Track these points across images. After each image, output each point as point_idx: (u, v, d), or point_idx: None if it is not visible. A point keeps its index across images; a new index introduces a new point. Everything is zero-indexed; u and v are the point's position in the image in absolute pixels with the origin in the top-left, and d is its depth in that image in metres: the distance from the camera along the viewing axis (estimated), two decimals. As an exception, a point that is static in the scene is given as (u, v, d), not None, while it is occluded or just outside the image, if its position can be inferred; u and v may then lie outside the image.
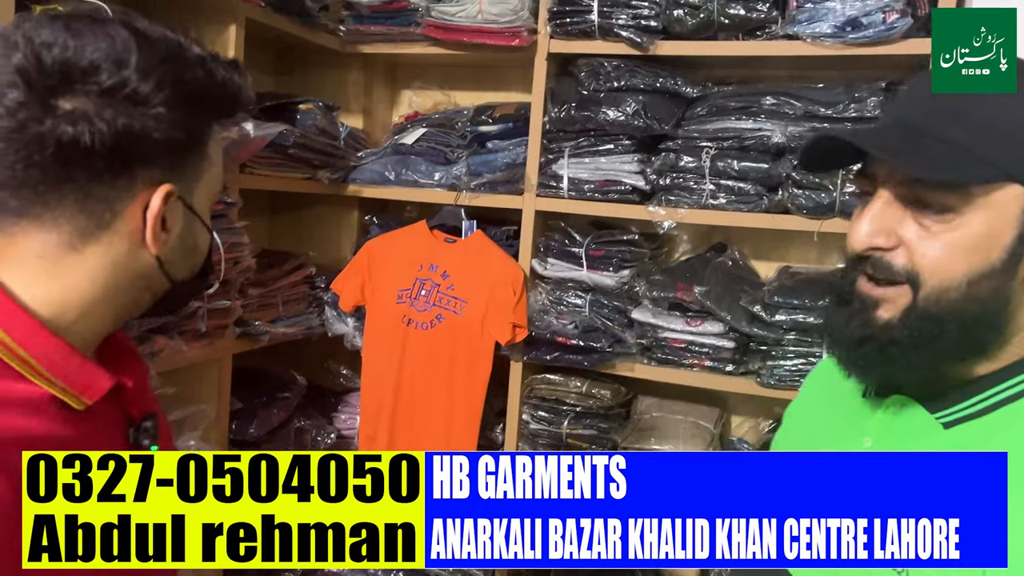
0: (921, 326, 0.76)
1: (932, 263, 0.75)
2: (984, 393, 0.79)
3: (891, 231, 0.77)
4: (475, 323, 2.16)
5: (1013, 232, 0.73)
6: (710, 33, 2.00)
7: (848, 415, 0.91)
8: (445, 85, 2.54)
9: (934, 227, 0.75)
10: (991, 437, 0.78)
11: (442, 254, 2.25)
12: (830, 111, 1.92)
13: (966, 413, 0.80)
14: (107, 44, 0.74)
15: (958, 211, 0.74)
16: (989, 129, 0.76)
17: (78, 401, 0.80)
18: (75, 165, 0.74)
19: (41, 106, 0.71)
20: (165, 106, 0.76)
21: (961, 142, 0.74)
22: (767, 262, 2.27)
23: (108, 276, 0.80)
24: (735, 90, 2.05)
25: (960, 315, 0.75)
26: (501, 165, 2.23)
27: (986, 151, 0.74)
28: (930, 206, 0.75)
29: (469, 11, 2.18)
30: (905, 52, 1.85)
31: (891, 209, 0.77)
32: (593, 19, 2.06)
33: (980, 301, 0.75)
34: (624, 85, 2.07)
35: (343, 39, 2.35)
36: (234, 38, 1.92)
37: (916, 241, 0.76)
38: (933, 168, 0.73)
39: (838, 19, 1.86)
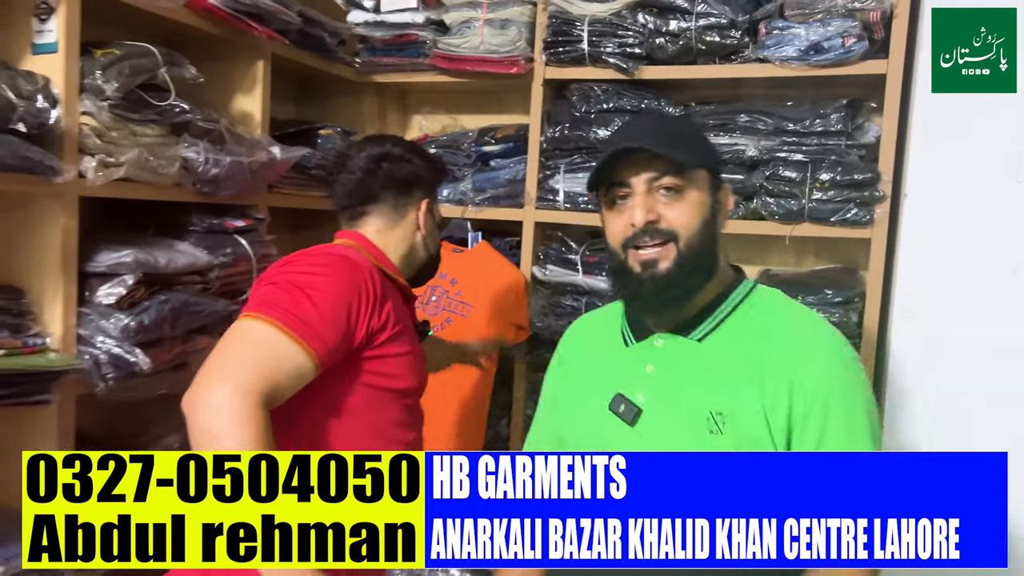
0: (687, 264, 1.12)
1: (680, 222, 1.13)
2: (713, 315, 1.17)
3: (652, 209, 1.13)
4: (481, 325, 2.36)
5: (709, 196, 1.16)
6: (689, 58, 2.21)
7: (625, 356, 1.22)
8: (451, 109, 2.77)
9: (673, 202, 1.13)
10: (729, 339, 1.15)
11: (450, 263, 2.45)
12: (798, 126, 2.12)
13: (707, 330, 1.17)
14: (402, 148, 1.54)
15: (682, 190, 1.13)
16: (681, 140, 1.15)
17: (408, 293, 1.52)
18: (392, 188, 1.50)
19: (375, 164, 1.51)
20: (423, 165, 1.54)
21: (679, 144, 1.13)
22: (750, 266, 2.45)
23: (404, 241, 1.52)
24: (713, 109, 2.26)
25: (703, 251, 1.14)
26: (503, 181, 2.44)
27: (690, 151, 1.14)
28: (669, 189, 1.13)
29: (472, 42, 2.41)
30: (864, 72, 2.05)
31: (646, 198, 1.13)
32: (583, 48, 2.28)
33: (709, 240, 1.15)
34: (613, 107, 2.28)
35: (358, 70, 2.58)
36: (262, 71, 2.16)
37: (667, 212, 1.13)
38: (680, 155, 1.12)
39: (802, 44, 2.06)
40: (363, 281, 1.32)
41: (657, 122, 1.39)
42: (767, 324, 1.15)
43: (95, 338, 1.67)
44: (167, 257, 1.79)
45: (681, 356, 1.17)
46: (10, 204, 1.65)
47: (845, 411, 1.09)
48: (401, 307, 1.45)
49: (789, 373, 1.09)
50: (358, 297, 1.30)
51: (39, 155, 1.52)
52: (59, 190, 1.60)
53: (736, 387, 1.11)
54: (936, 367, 1.96)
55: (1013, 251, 1.89)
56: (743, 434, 1.09)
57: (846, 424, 1.09)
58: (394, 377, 1.39)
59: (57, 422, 1.64)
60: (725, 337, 1.15)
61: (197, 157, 1.86)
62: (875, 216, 2.04)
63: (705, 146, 1.22)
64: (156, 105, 1.77)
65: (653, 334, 1.19)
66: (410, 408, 1.47)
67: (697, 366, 1.15)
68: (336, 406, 1.34)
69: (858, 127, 2.12)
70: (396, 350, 1.38)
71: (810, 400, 1.08)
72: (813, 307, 2.07)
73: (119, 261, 1.70)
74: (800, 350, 1.12)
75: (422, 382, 1.49)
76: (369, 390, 1.36)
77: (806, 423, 1.08)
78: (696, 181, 1.14)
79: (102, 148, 1.66)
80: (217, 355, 1.19)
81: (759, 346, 1.13)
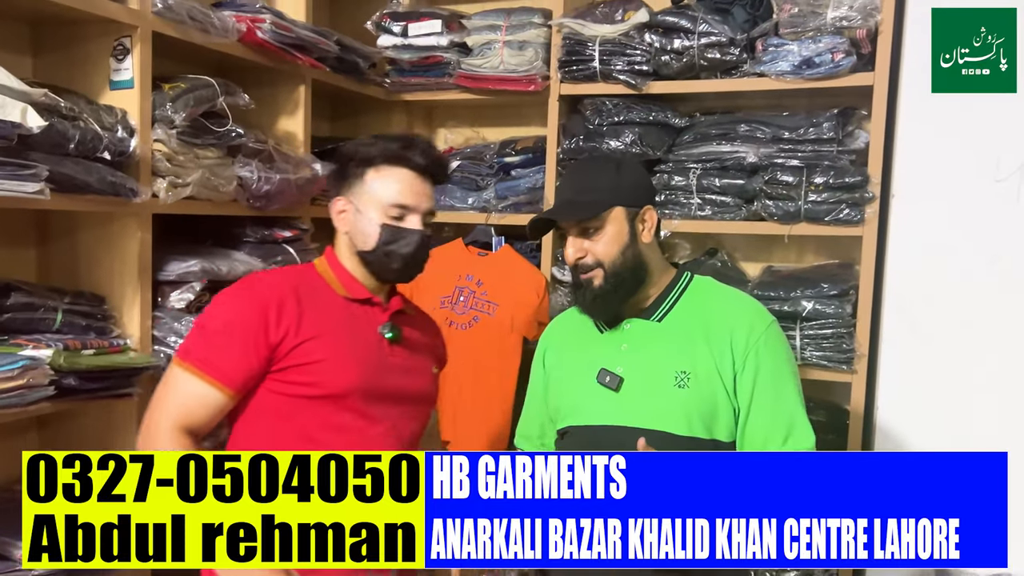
0: (614, 281, 1.45)
1: (602, 253, 1.45)
2: (665, 301, 1.49)
3: (580, 248, 1.46)
4: (506, 322, 2.56)
5: (626, 226, 1.46)
6: (693, 74, 2.41)
7: (601, 341, 1.52)
8: (474, 123, 2.98)
9: (596, 238, 1.45)
10: (681, 316, 1.47)
11: (476, 265, 2.67)
12: (793, 134, 2.31)
13: (663, 312, 1.49)
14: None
15: (602, 228, 1.45)
16: (593, 192, 1.47)
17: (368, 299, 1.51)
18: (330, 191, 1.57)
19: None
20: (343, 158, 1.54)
21: (589, 198, 1.46)
22: (755, 263, 2.64)
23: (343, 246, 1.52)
24: (715, 119, 2.46)
25: (625, 269, 1.45)
26: (524, 189, 2.65)
27: (599, 197, 1.46)
28: (589, 230, 1.45)
29: (492, 63, 2.61)
30: (852, 84, 2.24)
31: (576, 240, 1.47)
32: (595, 66, 2.48)
33: (632, 259, 1.45)
34: (623, 119, 2.48)
35: (388, 89, 2.79)
36: (303, 95, 2.38)
37: (593, 247, 1.45)
38: (582, 215, 1.45)
39: (796, 59, 2.25)
40: (257, 303, 1.39)
41: (575, 179, 1.60)
42: (707, 301, 1.49)
43: (168, 338, 1.89)
44: (228, 266, 2.02)
45: (647, 334, 1.48)
46: (94, 222, 1.88)
47: (771, 351, 1.43)
48: (336, 313, 1.46)
49: (728, 331, 1.43)
50: (251, 320, 1.37)
51: (122, 179, 1.75)
52: (137, 209, 1.82)
53: (693, 350, 1.43)
54: (923, 350, 2.14)
55: (991, 244, 2.07)
56: (703, 385, 1.41)
57: (774, 360, 1.43)
58: (308, 384, 1.41)
59: (136, 413, 1.86)
60: (678, 315, 1.48)
61: (251, 176, 2.08)
62: (866, 215, 2.22)
63: (615, 187, 1.47)
64: (215, 130, 1.99)
65: (623, 321, 1.50)
66: (354, 410, 1.44)
67: (661, 339, 1.46)
68: (258, 412, 1.43)
69: (848, 134, 2.31)
70: (308, 358, 1.40)
71: (744, 345, 1.42)
72: (811, 300, 2.29)
73: (188, 270, 1.92)
74: (733, 314, 1.47)
75: (356, 385, 1.44)
76: (284, 397, 1.42)
77: (744, 362, 1.41)
78: (610, 219, 1.45)
79: (172, 171, 1.88)
80: (153, 397, 1.41)
81: (704, 317, 1.46)
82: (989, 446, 2.04)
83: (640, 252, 1.47)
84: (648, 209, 1.48)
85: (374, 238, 1.46)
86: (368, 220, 1.46)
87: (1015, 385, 2.06)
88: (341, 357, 1.43)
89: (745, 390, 1.41)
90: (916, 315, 2.16)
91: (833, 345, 2.27)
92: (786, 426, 1.41)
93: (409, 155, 1.47)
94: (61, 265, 1.93)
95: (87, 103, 1.76)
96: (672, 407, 1.41)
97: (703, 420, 1.41)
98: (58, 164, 1.60)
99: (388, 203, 1.45)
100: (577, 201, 1.47)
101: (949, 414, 2.12)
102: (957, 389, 2.12)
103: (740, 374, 1.41)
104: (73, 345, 1.69)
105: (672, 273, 1.54)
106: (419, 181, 1.48)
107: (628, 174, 1.50)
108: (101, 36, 1.84)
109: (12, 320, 1.67)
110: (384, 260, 1.47)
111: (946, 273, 2.12)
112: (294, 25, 2.21)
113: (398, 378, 1.50)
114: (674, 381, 1.42)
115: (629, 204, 1.46)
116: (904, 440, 2.19)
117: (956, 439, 2.10)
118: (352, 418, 1.44)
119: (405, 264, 1.47)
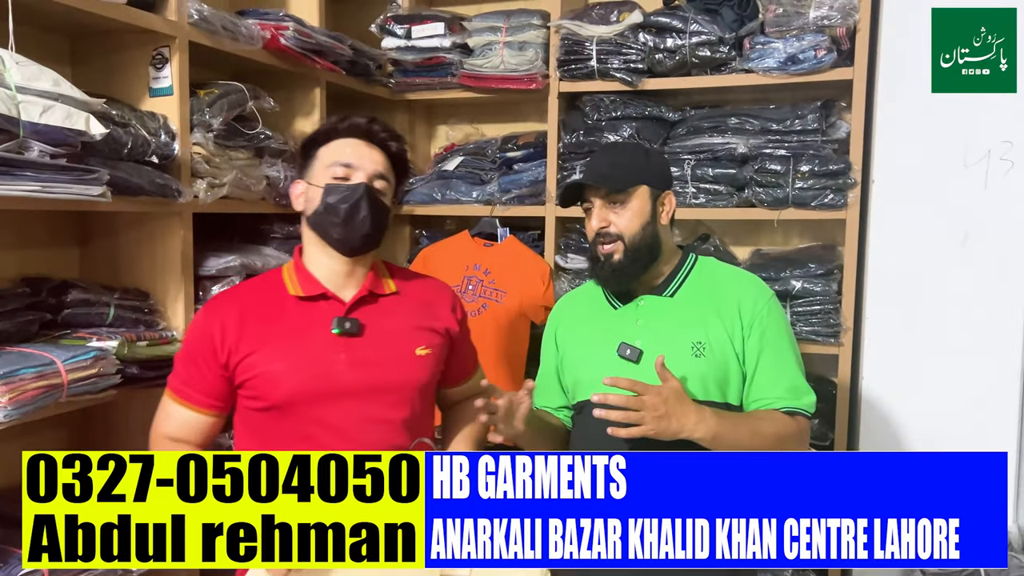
0: (632, 255, 1.58)
1: (625, 227, 1.58)
2: (675, 279, 1.64)
3: (604, 218, 1.60)
4: (513, 308, 2.71)
5: (648, 205, 1.60)
6: (685, 71, 2.57)
7: (616, 316, 1.65)
8: (474, 120, 3.11)
9: (620, 211, 1.59)
10: (691, 292, 1.62)
11: (483, 256, 2.81)
12: (780, 126, 2.49)
13: (674, 289, 1.63)
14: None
15: (626, 202, 1.58)
16: (622, 168, 1.60)
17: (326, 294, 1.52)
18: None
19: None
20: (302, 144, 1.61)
21: (620, 173, 1.59)
22: (744, 247, 2.82)
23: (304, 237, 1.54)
24: (707, 113, 2.62)
25: (643, 245, 1.59)
26: (526, 182, 2.79)
27: (628, 174, 1.59)
28: (616, 203, 1.58)
29: (494, 63, 2.75)
30: (834, 78, 2.42)
31: (601, 210, 1.60)
32: (593, 64, 2.63)
33: (650, 236, 1.59)
34: (620, 115, 2.64)
35: (392, 89, 2.92)
36: (319, 97, 2.50)
37: (615, 219, 1.59)
38: (613, 185, 1.58)
39: (781, 56, 2.43)
40: (205, 327, 1.47)
41: (609, 155, 1.72)
42: (713, 277, 1.65)
43: (211, 329, 2.01)
44: (262, 260, 2.14)
45: (661, 309, 1.62)
46: (135, 221, 1.99)
47: (773, 318, 1.59)
48: (284, 319, 1.47)
49: (736, 301, 1.58)
50: (201, 343, 1.46)
51: (167, 181, 1.86)
52: (179, 208, 1.94)
53: (706, 322, 1.57)
54: (903, 323, 2.34)
55: (963, 224, 2.26)
56: (717, 353, 1.55)
57: (775, 327, 1.58)
58: (254, 399, 1.44)
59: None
60: (688, 291, 1.63)
61: (278, 175, 2.20)
62: (848, 200, 2.40)
63: (644, 168, 1.61)
64: (247, 133, 2.11)
65: (636, 297, 1.64)
66: (311, 418, 1.43)
67: (674, 313, 1.60)
68: (241, 424, 1.53)
69: (831, 125, 2.49)
70: (250, 373, 1.44)
71: (751, 313, 1.57)
72: (799, 280, 2.47)
73: (227, 265, 2.05)
74: (739, 286, 1.62)
75: (297, 393, 1.42)
76: (248, 412, 1.48)
77: (751, 328, 1.56)
78: (636, 195, 1.59)
79: (209, 172, 2.00)
80: (153, 419, 1.54)
81: (712, 292, 1.61)
82: (965, 409, 2.26)
83: (657, 231, 1.61)
84: (668, 194, 1.64)
85: (317, 200, 1.46)
86: (316, 188, 1.47)
87: (985, 352, 2.26)
88: (278, 367, 1.42)
89: (752, 353, 1.56)
90: (896, 291, 2.35)
91: (821, 320, 2.45)
92: (789, 385, 1.56)
93: (350, 123, 1.50)
94: (104, 263, 2.04)
95: (131, 110, 1.87)
96: (690, 375, 1.54)
97: (718, 386, 1.56)
98: (114, 168, 1.71)
99: (331, 163, 1.47)
100: (609, 175, 1.60)
101: (927, 380, 2.32)
102: (934, 357, 2.31)
103: (747, 339, 1.56)
104: (129, 338, 1.80)
105: (679, 254, 1.68)
106: (364, 146, 1.49)
107: (655, 159, 1.66)
108: (140, 46, 1.95)
109: (72, 315, 1.79)
110: (327, 219, 1.44)
111: (922, 252, 2.31)
112: (313, 32, 2.33)
113: (355, 373, 1.45)
114: (691, 351, 1.55)
115: (654, 185, 1.61)
116: (887, 407, 2.38)
117: (934, 403, 2.30)
118: (314, 428, 1.43)
119: (348, 219, 1.43)
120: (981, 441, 2.27)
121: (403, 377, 1.51)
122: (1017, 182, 2.21)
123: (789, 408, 1.55)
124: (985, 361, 2.26)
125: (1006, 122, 2.18)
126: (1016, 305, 2.23)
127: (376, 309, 1.53)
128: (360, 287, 1.52)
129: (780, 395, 1.56)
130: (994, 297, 2.24)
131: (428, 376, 1.57)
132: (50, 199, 1.55)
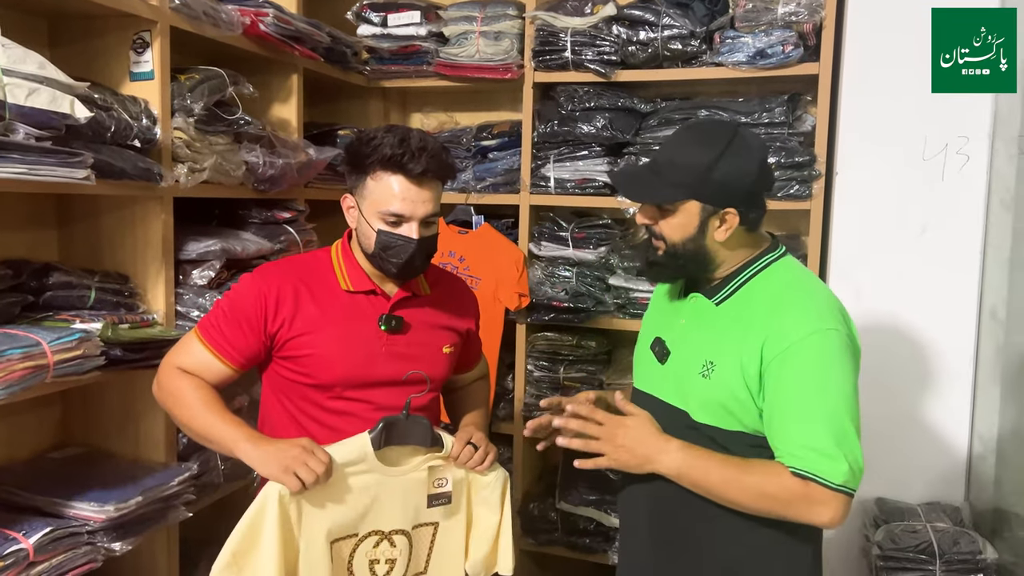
0: (672, 259, 1.47)
1: (667, 233, 1.46)
2: (725, 288, 1.48)
3: (649, 215, 1.47)
4: (488, 294, 2.76)
5: (696, 220, 1.43)
6: (657, 63, 2.63)
7: (670, 309, 1.60)
8: (448, 108, 3.15)
9: (666, 218, 1.45)
10: (737, 304, 1.45)
11: (458, 243, 2.85)
12: (748, 118, 2.56)
13: (725, 296, 1.48)
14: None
15: (673, 212, 1.44)
16: (681, 170, 1.42)
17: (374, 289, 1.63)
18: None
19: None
20: (348, 158, 1.62)
21: (672, 179, 1.43)
22: (711, 236, 2.90)
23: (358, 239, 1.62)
24: (678, 105, 2.69)
25: (684, 255, 1.46)
26: (501, 171, 2.84)
27: (680, 181, 1.42)
28: (661, 207, 1.45)
29: (469, 52, 2.79)
30: (800, 73, 2.50)
31: (648, 207, 1.48)
32: (567, 55, 2.68)
33: (693, 250, 1.45)
34: (594, 105, 2.69)
35: (367, 77, 2.94)
36: (296, 83, 2.52)
37: (660, 224, 1.46)
38: (652, 199, 1.46)
39: (750, 50, 2.50)
40: (260, 294, 1.55)
41: (678, 148, 1.47)
42: (766, 292, 1.43)
43: (191, 313, 2.03)
44: (242, 245, 2.16)
45: (702, 314, 1.49)
46: (115, 205, 2.00)
47: (804, 363, 1.34)
48: (335, 306, 1.58)
49: (763, 334, 1.36)
50: (252, 308, 1.55)
51: (149, 164, 1.88)
52: (160, 192, 1.95)
53: (724, 343, 1.41)
54: (865, 308, 2.43)
55: (921, 215, 2.36)
56: (722, 379, 1.40)
57: (805, 373, 1.34)
58: (300, 375, 1.58)
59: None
60: (735, 302, 1.45)
61: (257, 160, 2.22)
62: (813, 191, 2.49)
63: (701, 180, 1.39)
64: (226, 118, 2.13)
65: (692, 293, 1.52)
66: (345, 397, 1.58)
67: (707, 323, 1.47)
68: (272, 385, 1.64)
69: (797, 118, 2.57)
70: (300, 352, 1.56)
71: (772, 351, 1.35)
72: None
73: (207, 249, 2.06)
74: (777, 317, 1.37)
75: (340, 379, 1.57)
76: (286, 381, 1.60)
77: (769, 368, 1.36)
78: (682, 209, 1.42)
79: (190, 156, 2.01)
80: (172, 348, 1.64)
81: (753, 310, 1.41)
82: (920, 394, 2.37)
83: (704, 245, 1.43)
84: (730, 212, 1.40)
85: (372, 241, 1.54)
86: (367, 223, 1.54)
87: (940, 338, 2.36)
88: (330, 353, 1.56)
89: (769, 394, 1.37)
90: (858, 278, 2.44)
91: (785, 307, 2.53)
92: (803, 443, 1.33)
93: (405, 162, 1.47)
94: (84, 246, 2.04)
95: (113, 94, 1.88)
96: (695, 394, 1.44)
97: (727, 411, 1.41)
98: (97, 152, 1.72)
99: (383, 211, 1.51)
100: (658, 178, 1.44)
101: (885, 364, 2.42)
102: (893, 339, 2.41)
103: (766, 375, 1.37)
104: (111, 320, 1.82)
105: (750, 254, 1.48)
106: (415, 188, 1.50)
107: (727, 166, 1.38)
108: (120, 30, 1.95)
109: (53, 298, 1.80)
110: (382, 263, 1.56)
111: (882, 242, 2.41)
112: (293, 19, 2.34)
113: (393, 366, 1.60)
114: (700, 369, 1.43)
115: (708, 201, 1.40)
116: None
117: (891, 388, 2.40)
118: (345, 404, 1.59)
119: (402, 268, 1.55)
120: (936, 424, 2.38)
121: (431, 372, 1.64)
122: (972, 175, 2.31)
123: (797, 470, 1.33)
124: (941, 347, 2.37)
125: (963, 118, 2.28)
126: (970, 293, 2.34)
127: (413, 308, 1.66)
128: (402, 285, 1.65)
129: (791, 451, 1.35)
130: (949, 285, 2.35)
131: (450, 371, 1.75)
132: (36, 181, 1.56)
